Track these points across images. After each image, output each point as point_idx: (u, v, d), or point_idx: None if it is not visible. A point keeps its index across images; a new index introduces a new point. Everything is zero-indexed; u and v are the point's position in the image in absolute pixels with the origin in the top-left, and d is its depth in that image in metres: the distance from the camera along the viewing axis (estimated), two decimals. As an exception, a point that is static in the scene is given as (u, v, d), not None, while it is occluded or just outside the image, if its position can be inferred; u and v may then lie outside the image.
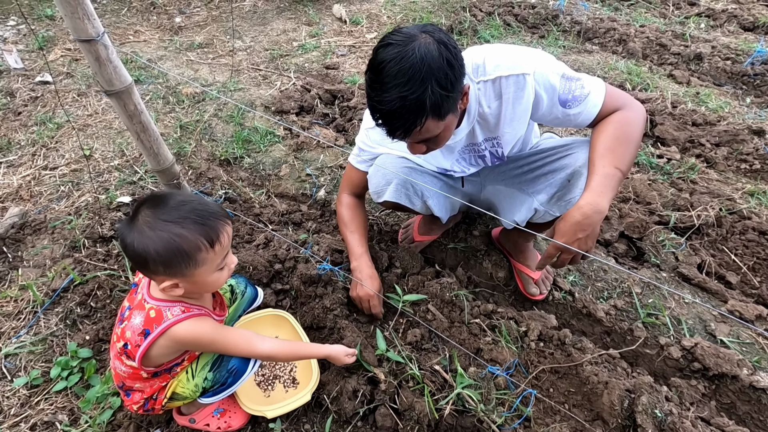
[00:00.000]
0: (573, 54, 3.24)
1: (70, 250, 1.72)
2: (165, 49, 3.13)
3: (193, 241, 0.92)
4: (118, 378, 1.09)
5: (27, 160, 2.17)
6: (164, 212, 0.92)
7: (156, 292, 1.02)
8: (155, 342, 0.98)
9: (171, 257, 0.91)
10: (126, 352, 1.01)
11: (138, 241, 0.90)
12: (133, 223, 0.92)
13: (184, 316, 1.00)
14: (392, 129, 1.02)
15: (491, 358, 1.35)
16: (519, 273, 1.67)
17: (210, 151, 2.25)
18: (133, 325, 1.00)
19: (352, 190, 1.54)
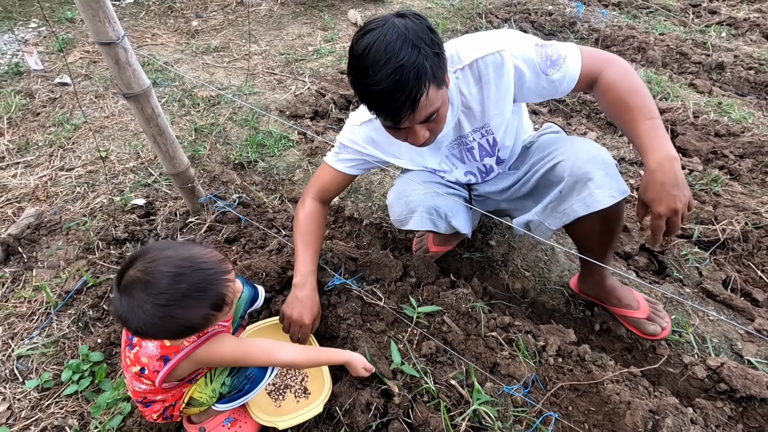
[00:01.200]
0: (591, 62, 3.19)
1: (84, 251, 1.72)
2: (181, 53, 3.15)
3: (199, 317, 0.88)
4: (137, 395, 1.08)
5: (44, 160, 2.19)
6: (160, 296, 0.83)
7: None
8: (178, 365, 0.99)
9: (183, 333, 0.91)
10: (143, 375, 1.00)
11: (142, 327, 0.84)
12: (129, 305, 0.83)
13: (201, 340, 1.00)
14: (397, 107, 0.95)
15: (508, 373, 1.30)
16: (623, 318, 1.49)
17: (224, 155, 2.25)
18: (148, 351, 0.99)
19: (320, 194, 1.40)
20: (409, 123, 1.02)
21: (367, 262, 1.63)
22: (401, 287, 1.53)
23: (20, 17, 3.49)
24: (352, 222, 1.96)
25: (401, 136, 1.10)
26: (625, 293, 1.47)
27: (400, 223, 1.38)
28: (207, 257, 0.91)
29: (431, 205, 1.32)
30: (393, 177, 2.11)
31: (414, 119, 1.01)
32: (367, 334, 1.38)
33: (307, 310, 1.28)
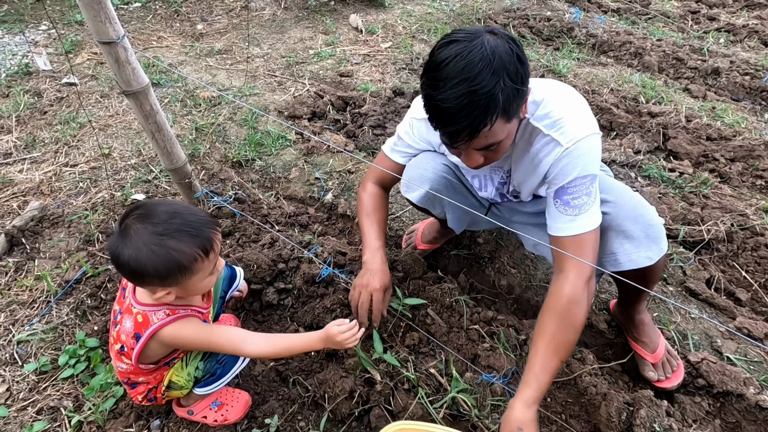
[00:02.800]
0: (587, 66, 3.24)
1: (85, 243, 1.78)
2: (186, 55, 3.24)
3: (189, 253, 0.93)
4: (122, 375, 1.13)
5: (50, 156, 2.26)
6: (157, 226, 0.91)
7: (142, 296, 1.05)
8: (146, 345, 1.03)
9: (168, 271, 0.93)
10: (123, 353, 1.06)
11: (134, 257, 0.90)
12: (126, 237, 0.91)
13: (168, 319, 1.02)
14: (457, 131, 0.91)
15: (488, 365, 1.34)
16: (634, 353, 1.45)
17: (223, 153, 2.32)
18: (125, 328, 1.04)
19: (379, 180, 1.44)
20: (465, 147, 0.98)
21: (356, 256, 1.68)
22: (388, 281, 1.57)
23: (31, 20, 3.60)
24: (345, 219, 2.01)
25: (455, 152, 1.06)
26: (648, 332, 1.42)
27: (407, 189, 1.39)
28: (200, 211, 1.02)
29: (438, 187, 1.32)
30: (386, 176, 2.16)
31: (471, 145, 0.97)
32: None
33: (377, 278, 1.28)
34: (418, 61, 3.22)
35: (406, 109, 2.59)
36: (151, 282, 0.96)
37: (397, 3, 4.19)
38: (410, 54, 3.32)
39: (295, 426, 1.25)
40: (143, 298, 1.04)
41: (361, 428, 1.24)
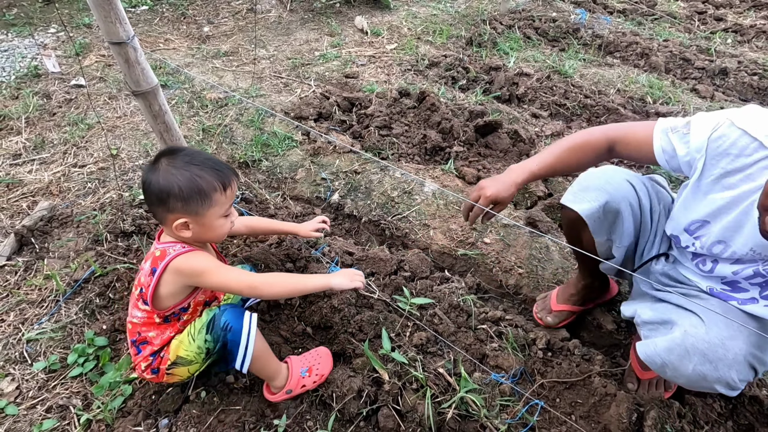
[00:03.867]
0: (593, 67, 3.23)
1: (93, 243, 1.79)
2: (192, 57, 3.26)
3: (210, 181, 1.07)
4: (133, 330, 1.16)
5: (58, 157, 2.28)
6: (185, 157, 1.07)
7: (164, 237, 1.15)
8: (162, 278, 1.08)
9: (190, 193, 1.05)
10: (142, 296, 1.11)
11: (163, 178, 1.04)
12: (156, 167, 1.06)
13: (184, 250, 1.10)
14: None
15: (497, 365, 1.33)
16: (630, 362, 1.38)
17: (230, 154, 2.32)
18: (145, 269, 1.12)
19: (617, 140, 1.14)
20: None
21: (364, 256, 1.68)
22: (395, 280, 1.57)
23: (40, 23, 3.63)
24: (351, 219, 2.01)
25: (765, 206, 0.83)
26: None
27: (574, 195, 1.16)
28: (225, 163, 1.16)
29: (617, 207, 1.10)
30: (393, 177, 2.16)
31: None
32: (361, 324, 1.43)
33: (495, 187, 1.15)
34: (424, 62, 3.23)
35: (413, 110, 2.59)
36: (174, 207, 1.05)
37: (402, 5, 4.20)
38: (415, 55, 3.32)
39: (303, 426, 1.24)
40: (165, 238, 1.15)
41: (369, 428, 1.23)
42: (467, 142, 2.39)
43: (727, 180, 0.98)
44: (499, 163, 2.32)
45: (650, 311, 1.10)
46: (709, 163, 1.00)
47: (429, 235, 1.88)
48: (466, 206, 1.23)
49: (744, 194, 0.96)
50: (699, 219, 1.06)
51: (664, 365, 0.99)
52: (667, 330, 1.04)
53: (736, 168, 0.96)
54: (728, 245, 1.02)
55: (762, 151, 0.92)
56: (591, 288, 1.50)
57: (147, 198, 1.10)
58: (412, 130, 2.47)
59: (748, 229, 0.97)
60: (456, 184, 2.11)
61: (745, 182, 0.95)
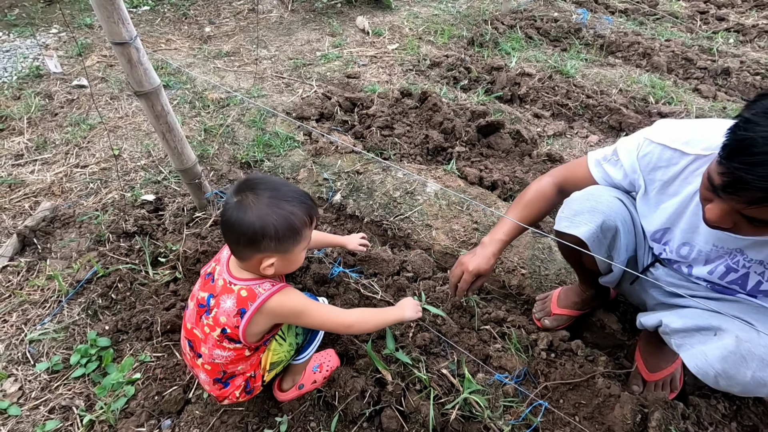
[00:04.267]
0: (595, 67, 3.22)
1: (95, 243, 1.79)
2: (194, 57, 3.26)
3: (302, 218, 1.01)
4: (216, 370, 1.09)
5: (60, 158, 2.28)
6: (273, 192, 1.00)
7: (240, 273, 1.06)
8: (252, 319, 1.02)
9: (285, 233, 0.99)
10: (227, 336, 1.04)
11: (257, 218, 0.96)
12: (244, 206, 0.97)
13: (275, 288, 1.04)
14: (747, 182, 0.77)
15: (500, 366, 1.33)
16: (636, 364, 1.38)
17: (232, 154, 2.32)
18: (225, 309, 1.03)
19: (562, 182, 1.28)
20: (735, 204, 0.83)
21: (366, 257, 1.67)
22: (398, 281, 1.57)
23: (42, 23, 3.64)
24: (354, 220, 2.01)
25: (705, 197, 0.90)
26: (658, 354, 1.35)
27: (568, 221, 1.17)
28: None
29: (615, 224, 1.13)
30: (395, 177, 2.16)
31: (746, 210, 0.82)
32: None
33: (475, 261, 1.25)
34: (425, 62, 3.23)
35: (414, 110, 2.59)
36: (267, 247, 0.99)
37: (404, 5, 4.19)
38: (417, 55, 3.32)
39: (306, 426, 1.24)
40: (243, 274, 1.06)
41: (372, 429, 1.23)
42: (469, 142, 2.39)
43: (670, 188, 1.09)
44: (501, 163, 2.32)
45: (679, 318, 1.07)
46: (648, 178, 1.12)
47: (431, 235, 1.87)
48: (452, 283, 1.31)
49: (688, 196, 1.05)
50: (660, 228, 1.14)
51: (717, 376, 0.97)
52: (706, 337, 1.02)
53: (671, 176, 1.07)
54: (693, 246, 1.10)
55: (684, 158, 1.04)
56: (594, 297, 1.51)
57: (232, 237, 0.99)
58: (414, 131, 2.46)
59: (703, 226, 1.04)
60: (458, 184, 2.11)
61: (684, 186, 1.05)
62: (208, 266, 1.14)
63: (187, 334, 1.11)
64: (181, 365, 1.39)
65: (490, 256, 1.26)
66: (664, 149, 1.06)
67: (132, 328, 1.50)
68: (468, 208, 1.98)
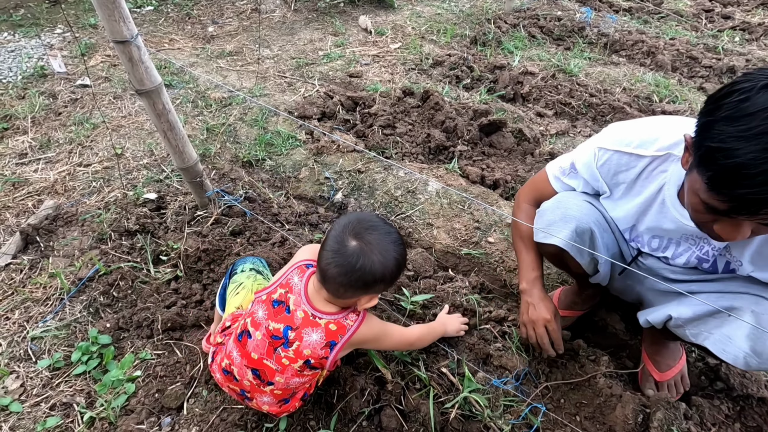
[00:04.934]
0: (599, 66, 3.21)
1: (98, 242, 1.80)
2: (197, 57, 3.27)
3: (404, 263, 1.06)
4: (286, 392, 1.12)
5: (64, 157, 2.29)
6: (386, 236, 1.01)
7: (325, 306, 1.06)
8: (342, 349, 1.06)
9: (396, 276, 1.03)
10: (309, 366, 1.06)
11: (379, 264, 0.98)
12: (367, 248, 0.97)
13: (360, 319, 1.08)
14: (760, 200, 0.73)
15: (501, 365, 1.32)
16: (643, 366, 1.38)
17: (233, 153, 2.33)
18: (311, 342, 1.04)
19: (536, 201, 1.30)
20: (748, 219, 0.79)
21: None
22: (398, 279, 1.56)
23: (47, 24, 3.66)
24: (355, 218, 2.00)
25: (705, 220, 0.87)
26: (666, 353, 1.34)
27: (543, 235, 1.19)
28: None
29: (588, 227, 1.14)
30: (396, 176, 2.15)
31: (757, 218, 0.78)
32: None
33: (542, 308, 1.24)
34: (428, 61, 3.22)
35: (416, 109, 2.59)
36: (377, 289, 1.03)
37: (406, 4, 4.19)
38: (419, 55, 3.31)
39: (306, 425, 1.24)
40: (327, 308, 1.06)
41: (372, 428, 1.22)
42: (471, 141, 2.38)
43: (633, 189, 1.11)
44: (503, 162, 2.31)
45: (688, 308, 1.06)
46: (611, 183, 1.14)
47: (432, 234, 1.87)
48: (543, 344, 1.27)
49: (651, 196, 1.08)
50: (627, 227, 1.17)
51: (747, 357, 0.96)
52: (721, 320, 1.01)
53: (632, 178, 1.09)
54: (662, 238, 1.13)
55: (641, 160, 1.06)
56: (593, 295, 1.50)
57: (346, 280, 0.97)
58: (416, 130, 2.46)
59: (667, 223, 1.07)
60: (460, 183, 2.10)
61: (645, 186, 1.08)
62: (271, 292, 1.11)
63: (253, 364, 1.08)
64: (181, 363, 1.39)
65: (542, 296, 1.27)
66: (621, 155, 1.08)
67: (133, 326, 1.50)
68: (469, 207, 1.97)
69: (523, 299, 1.29)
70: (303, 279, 1.09)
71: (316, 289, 1.06)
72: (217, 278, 1.62)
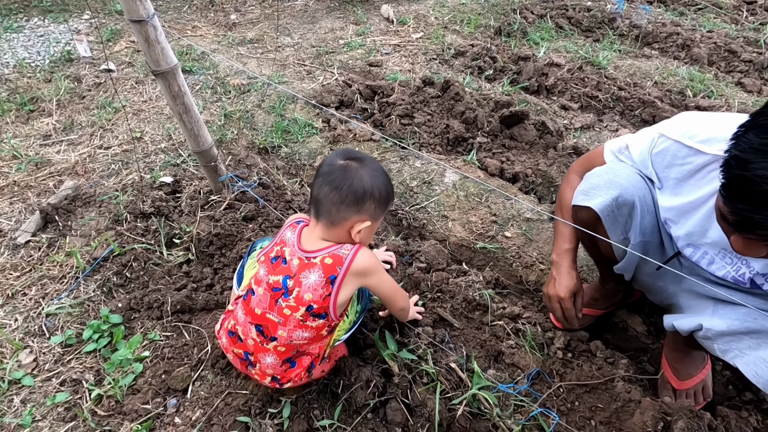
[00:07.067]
0: (629, 59, 3.07)
1: (113, 223, 1.82)
2: (218, 44, 3.28)
3: (392, 191, 1.10)
4: (291, 350, 1.08)
5: (85, 139, 2.33)
6: (372, 163, 1.07)
7: (318, 244, 1.06)
8: (344, 282, 1.03)
9: (386, 198, 1.06)
10: (312, 313, 1.04)
11: (367, 179, 1.02)
12: (351, 170, 1.02)
13: (356, 248, 1.05)
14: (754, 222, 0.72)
15: (513, 363, 1.27)
16: (662, 372, 1.31)
17: (250, 140, 2.32)
18: (310, 284, 1.02)
19: (585, 171, 1.21)
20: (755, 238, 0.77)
21: (376, 245, 1.63)
22: (411, 272, 1.52)
23: (75, 9, 3.74)
24: (369, 208, 1.97)
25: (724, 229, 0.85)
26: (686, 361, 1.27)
27: (585, 195, 1.11)
28: None
29: (632, 200, 1.05)
30: (413, 166, 2.11)
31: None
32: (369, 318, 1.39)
33: (562, 285, 1.20)
34: (450, 51, 3.14)
35: (436, 99, 2.52)
36: (367, 209, 1.03)
37: (430, -7, 4.10)
38: (441, 45, 3.24)
39: (310, 413, 1.22)
40: (320, 245, 1.06)
41: (377, 420, 1.19)
42: (491, 132, 2.31)
43: (683, 187, 1.02)
44: (523, 155, 2.23)
45: (722, 320, 0.98)
46: (662, 175, 1.06)
47: (447, 226, 1.82)
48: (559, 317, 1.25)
49: (700, 199, 0.99)
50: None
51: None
52: (758, 341, 0.94)
53: (685, 175, 1.00)
54: (698, 247, 1.05)
55: (701, 157, 0.96)
56: (615, 292, 1.42)
57: (336, 195, 1.00)
58: (435, 120, 2.40)
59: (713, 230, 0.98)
60: (478, 175, 2.04)
61: (697, 188, 0.99)
62: (269, 251, 1.12)
63: (256, 319, 1.07)
64: (189, 345, 1.39)
65: (568, 270, 1.21)
66: (680, 146, 0.99)
67: (144, 307, 1.51)
68: (487, 200, 1.91)
69: (551, 270, 1.26)
70: (296, 232, 1.10)
71: (309, 232, 1.09)
72: (228, 263, 1.61)
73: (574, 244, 1.24)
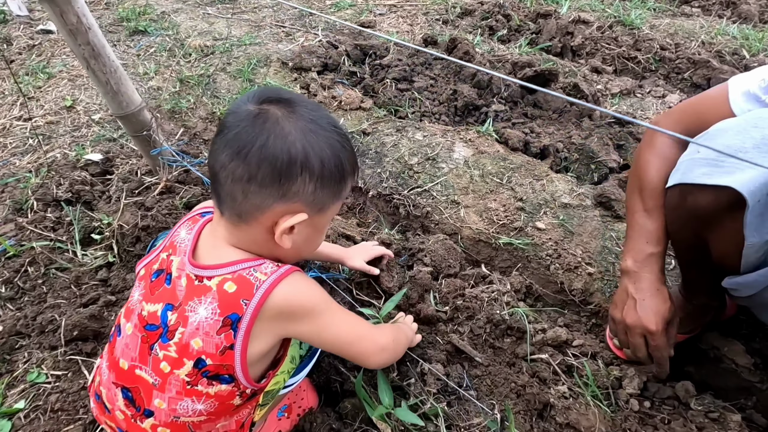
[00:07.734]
0: (666, 17, 2.60)
1: (14, 212, 1.37)
2: (183, 3, 2.80)
3: (351, 159, 0.66)
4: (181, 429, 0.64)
5: (5, 110, 1.87)
6: (316, 115, 0.63)
7: (219, 253, 0.64)
8: (254, 328, 0.60)
9: (332, 171, 0.63)
10: (204, 373, 0.60)
11: (299, 141, 0.59)
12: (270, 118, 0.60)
13: (284, 270, 0.63)
14: None
15: (567, 422, 0.84)
16: None
17: (209, 110, 1.86)
18: (200, 321, 0.59)
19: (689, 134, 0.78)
20: None
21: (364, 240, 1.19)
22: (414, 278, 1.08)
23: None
24: (355, 193, 1.52)
25: None
26: None
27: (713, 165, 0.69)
28: None
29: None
30: (411, 140, 1.66)
31: None
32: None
33: (650, 311, 0.81)
34: (455, 10, 2.67)
35: (440, 61, 2.06)
36: (299, 190, 0.61)
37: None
38: (445, 4, 2.76)
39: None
40: (223, 256, 0.63)
41: None
42: (510, 99, 1.86)
43: None
44: (551, 126, 1.78)
45: None
46: None
47: (459, 215, 1.37)
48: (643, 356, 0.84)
49: None
50: None
51: None
52: None
53: None
54: None
55: None
56: (706, 309, 0.99)
57: (244, 165, 0.59)
58: (439, 84, 1.94)
59: None
60: (496, 149, 1.59)
61: None
62: (152, 259, 0.69)
63: (122, 378, 0.64)
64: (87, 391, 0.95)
65: (657, 286, 0.82)
66: None
67: (35, 331, 1.07)
68: (510, 181, 1.47)
69: (623, 284, 0.85)
70: (193, 231, 0.66)
71: (211, 233, 0.67)
72: (158, 267, 1.17)
73: (663, 246, 0.83)
